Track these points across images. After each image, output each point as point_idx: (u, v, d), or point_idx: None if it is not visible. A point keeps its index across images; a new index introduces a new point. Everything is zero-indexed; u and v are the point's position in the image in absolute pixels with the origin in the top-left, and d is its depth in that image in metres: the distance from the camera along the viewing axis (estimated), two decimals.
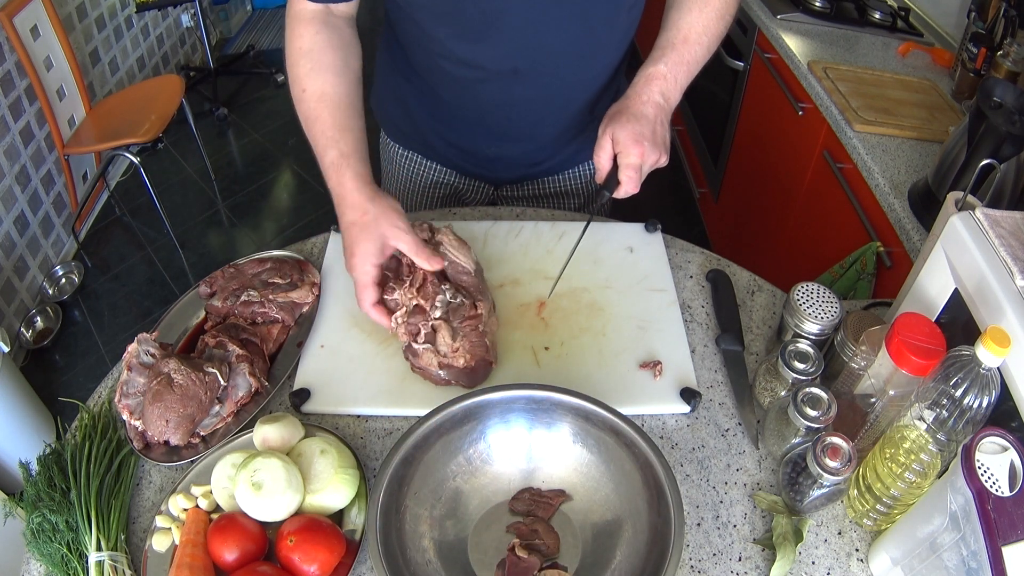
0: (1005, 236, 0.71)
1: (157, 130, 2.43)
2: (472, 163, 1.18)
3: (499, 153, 1.14)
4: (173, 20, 3.54)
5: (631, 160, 0.87)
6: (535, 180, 1.23)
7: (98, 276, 2.63)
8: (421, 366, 0.87)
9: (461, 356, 0.85)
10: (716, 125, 2.48)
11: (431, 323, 0.86)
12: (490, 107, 1.05)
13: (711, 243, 2.64)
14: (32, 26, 2.28)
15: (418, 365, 0.87)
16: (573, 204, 1.27)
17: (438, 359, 0.85)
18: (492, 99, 1.03)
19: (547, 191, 1.24)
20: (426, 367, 0.86)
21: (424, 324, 0.86)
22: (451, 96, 1.04)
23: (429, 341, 0.86)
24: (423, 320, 0.86)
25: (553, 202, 1.26)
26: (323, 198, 2.95)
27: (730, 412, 0.88)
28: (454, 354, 0.85)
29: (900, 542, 0.70)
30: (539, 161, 1.18)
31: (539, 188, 1.24)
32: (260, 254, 1.02)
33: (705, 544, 0.76)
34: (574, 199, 1.26)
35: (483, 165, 1.18)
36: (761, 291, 1.03)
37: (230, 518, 0.72)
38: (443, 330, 0.86)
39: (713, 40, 0.96)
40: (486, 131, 1.10)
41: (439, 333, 0.86)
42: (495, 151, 1.13)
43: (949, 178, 1.24)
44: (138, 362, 0.84)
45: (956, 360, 0.64)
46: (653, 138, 0.89)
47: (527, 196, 1.25)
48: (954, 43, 1.88)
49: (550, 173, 1.22)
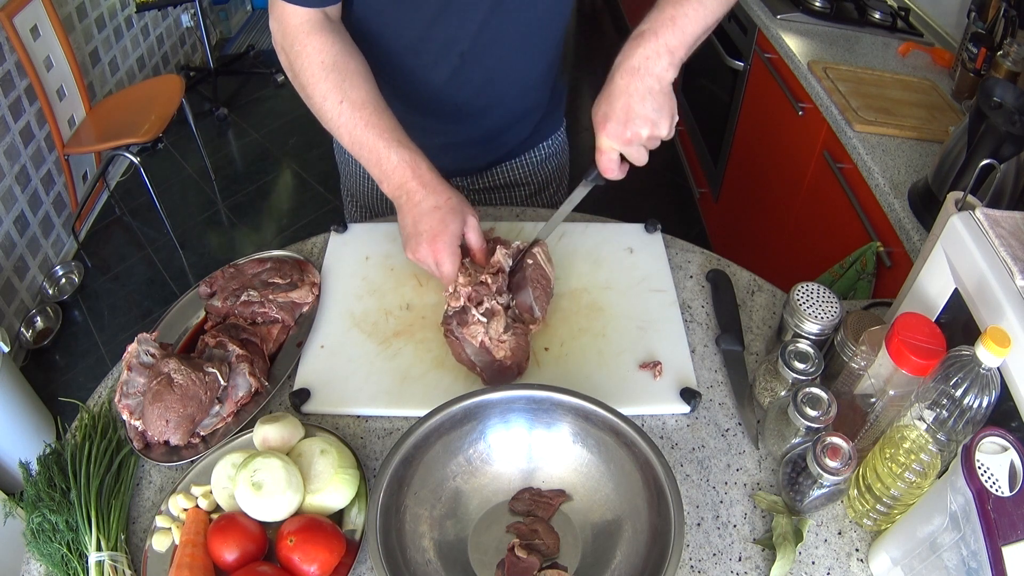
0: (1005, 236, 0.71)
1: (157, 130, 2.43)
2: None
3: (448, 141, 1.15)
4: (173, 20, 3.54)
5: (600, 143, 0.86)
6: (485, 171, 1.24)
7: (98, 276, 2.63)
8: (461, 336, 0.87)
9: (503, 349, 0.86)
10: (716, 125, 2.48)
11: (493, 302, 0.88)
12: (438, 95, 1.06)
13: (711, 243, 2.64)
14: (32, 26, 2.29)
15: (458, 334, 0.87)
16: (524, 193, 1.28)
17: (483, 338, 0.86)
18: (439, 87, 1.04)
19: (497, 183, 1.26)
20: (466, 338, 0.87)
21: (489, 298, 0.88)
22: (399, 87, 1.05)
23: (487, 316, 0.87)
24: (488, 293, 0.88)
25: (504, 193, 1.27)
26: (323, 198, 2.98)
27: (730, 412, 0.88)
28: (499, 343, 0.86)
29: (900, 542, 0.70)
30: (489, 149, 1.19)
31: (490, 179, 1.25)
32: (260, 254, 1.02)
33: (705, 544, 0.76)
34: (524, 188, 1.27)
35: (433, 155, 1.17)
36: (761, 291, 1.03)
37: (230, 518, 0.72)
38: (500, 316, 0.87)
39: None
40: (435, 120, 1.11)
41: (496, 316, 0.87)
42: (444, 140, 1.14)
43: (949, 178, 1.24)
44: (138, 362, 0.84)
45: (956, 360, 0.64)
46: (625, 115, 0.82)
47: (478, 189, 1.26)
48: (954, 43, 1.88)
49: (499, 162, 1.23)
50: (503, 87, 1.09)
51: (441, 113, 1.09)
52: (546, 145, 1.26)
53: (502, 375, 0.86)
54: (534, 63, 1.09)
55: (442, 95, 1.06)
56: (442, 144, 1.15)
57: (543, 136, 1.25)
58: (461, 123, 1.12)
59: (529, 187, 1.28)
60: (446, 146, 1.16)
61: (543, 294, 0.93)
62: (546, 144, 1.26)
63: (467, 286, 0.88)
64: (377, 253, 1.04)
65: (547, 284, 0.94)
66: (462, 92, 1.06)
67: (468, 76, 1.03)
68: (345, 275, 1.01)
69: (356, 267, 1.02)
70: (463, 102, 1.08)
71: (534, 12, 0.99)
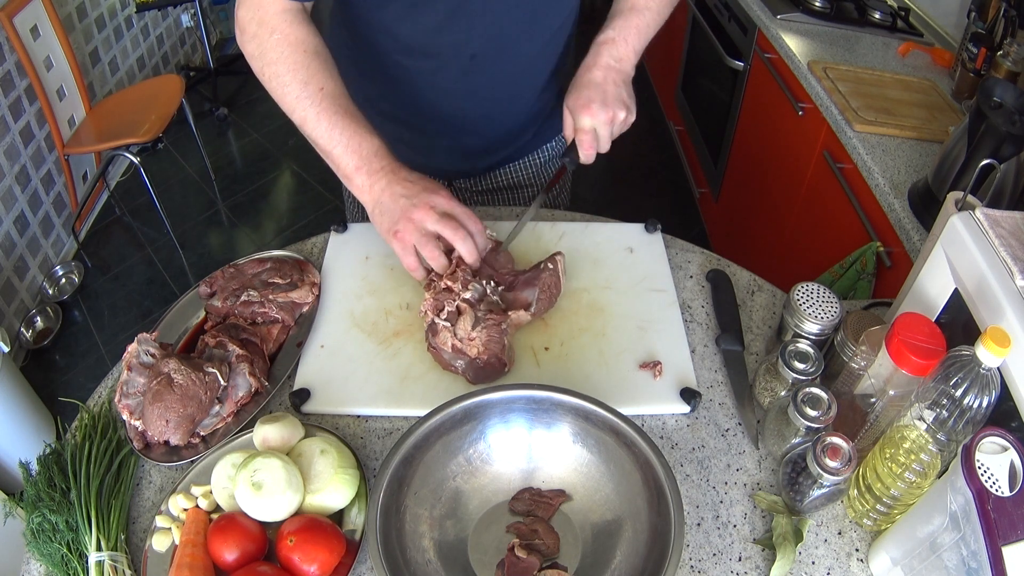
0: (1005, 236, 0.71)
1: (157, 130, 2.43)
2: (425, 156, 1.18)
3: (453, 143, 1.15)
4: (173, 20, 3.54)
5: (582, 124, 0.94)
6: (487, 174, 1.24)
7: (98, 276, 2.63)
8: (436, 345, 0.88)
9: (475, 346, 0.86)
10: (716, 125, 2.48)
11: (457, 303, 0.88)
12: (445, 98, 1.06)
13: (711, 243, 2.64)
14: (32, 26, 2.29)
15: (433, 344, 0.88)
16: (527, 195, 1.28)
17: (452, 341, 0.86)
18: (448, 89, 1.04)
19: (500, 184, 1.25)
20: (440, 347, 0.87)
21: (450, 302, 0.88)
22: (404, 90, 1.05)
23: (450, 320, 0.87)
24: (450, 298, 0.88)
25: (507, 195, 1.27)
26: (323, 198, 2.98)
27: (730, 412, 0.88)
28: (469, 341, 0.86)
29: (900, 542, 0.70)
30: (493, 152, 1.19)
31: (492, 181, 1.25)
32: (260, 254, 1.02)
33: (705, 544, 0.76)
34: (528, 190, 1.27)
35: (437, 158, 1.18)
36: (761, 291, 1.03)
37: (230, 518, 0.72)
38: (467, 314, 0.87)
39: (663, 6, 1.02)
40: (440, 123, 1.10)
41: (463, 316, 0.87)
42: (448, 142, 1.14)
43: (949, 178, 1.24)
44: (138, 362, 0.84)
45: (956, 360, 0.64)
46: (603, 98, 0.93)
47: (481, 191, 1.26)
48: (954, 43, 1.88)
49: (502, 164, 1.23)
50: (511, 90, 1.09)
51: (448, 116, 1.09)
52: (550, 147, 1.26)
53: (484, 372, 0.86)
54: (543, 66, 1.09)
55: (450, 98, 1.06)
56: (447, 146, 1.15)
57: (547, 138, 1.24)
58: (467, 126, 1.12)
59: (533, 188, 1.28)
60: (451, 148, 1.16)
61: (546, 300, 0.93)
62: (550, 146, 1.26)
63: (432, 298, 0.89)
64: (377, 253, 1.04)
65: (554, 293, 0.94)
66: (470, 95, 1.06)
67: (477, 79, 1.03)
68: (345, 275, 1.01)
69: (356, 267, 1.02)
70: (471, 105, 1.08)
71: (544, 15, 1.00)
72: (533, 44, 1.03)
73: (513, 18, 0.96)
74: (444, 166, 1.21)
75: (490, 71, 1.02)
